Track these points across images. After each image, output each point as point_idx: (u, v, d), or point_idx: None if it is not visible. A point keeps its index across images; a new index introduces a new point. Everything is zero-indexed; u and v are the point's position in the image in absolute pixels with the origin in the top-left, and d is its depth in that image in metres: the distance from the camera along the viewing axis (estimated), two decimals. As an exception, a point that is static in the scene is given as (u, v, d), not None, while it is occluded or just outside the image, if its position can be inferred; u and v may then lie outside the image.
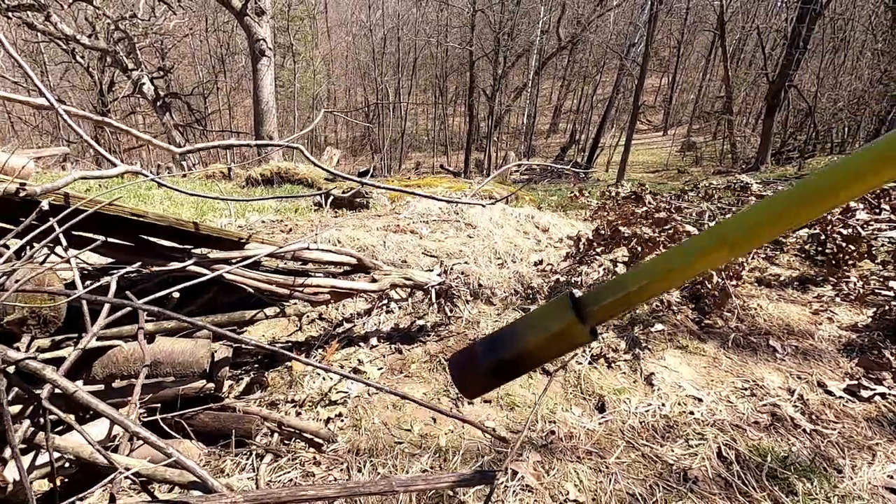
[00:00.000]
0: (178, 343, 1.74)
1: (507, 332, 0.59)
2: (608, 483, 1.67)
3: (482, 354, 0.61)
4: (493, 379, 0.61)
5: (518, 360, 0.58)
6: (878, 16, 20.06)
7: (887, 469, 1.74)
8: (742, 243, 0.46)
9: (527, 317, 0.59)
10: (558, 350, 0.56)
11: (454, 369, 0.67)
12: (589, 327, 0.52)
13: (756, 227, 0.45)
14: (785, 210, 0.43)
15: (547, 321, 0.55)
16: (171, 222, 1.57)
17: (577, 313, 0.52)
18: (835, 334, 2.62)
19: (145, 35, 16.26)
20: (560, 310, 0.53)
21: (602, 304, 0.51)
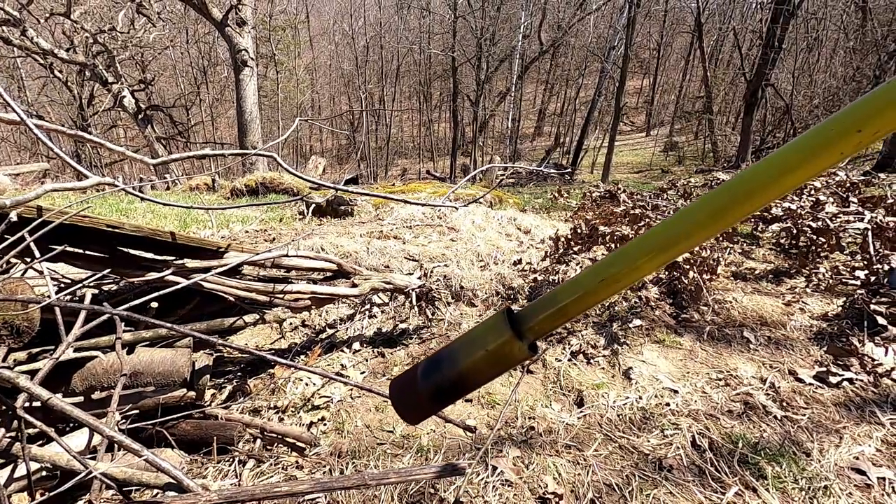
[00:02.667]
0: (157, 353, 1.75)
1: (444, 353, 0.56)
2: (586, 475, 1.71)
3: (422, 378, 0.57)
4: (434, 404, 0.57)
5: (457, 383, 0.55)
6: (849, 15, 20.63)
7: (853, 451, 1.81)
8: (674, 248, 0.45)
9: (464, 336, 0.55)
10: (497, 369, 0.53)
11: (394, 395, 0.62)
12: (527, 343, 0.50)
13: (689, 230, 0.44)
14: (721, 208, 0.42)
15: (484, 339, 0.52)
16: (147, 233, 1.59)
17: (514, 329, 0.50)
18: (806, 324, 2.70)
19: (125, 48, 16.15)
20: (497, 327, 0.51)
21: (538, 318, 0.50)
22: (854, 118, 0.36)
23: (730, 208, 0.41)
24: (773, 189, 0.40)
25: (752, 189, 0.40)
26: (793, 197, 4.18)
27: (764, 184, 0.40)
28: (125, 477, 0.96)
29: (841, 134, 0.36)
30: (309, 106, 31.65)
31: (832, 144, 0.37)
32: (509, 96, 24.01)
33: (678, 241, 0.44)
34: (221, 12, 13.09)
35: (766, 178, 0.40)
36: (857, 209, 3.61)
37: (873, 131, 0.35)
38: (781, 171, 0.39)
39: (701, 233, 0.43)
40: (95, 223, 1.45)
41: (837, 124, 0.37)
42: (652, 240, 0.45)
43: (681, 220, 0.44)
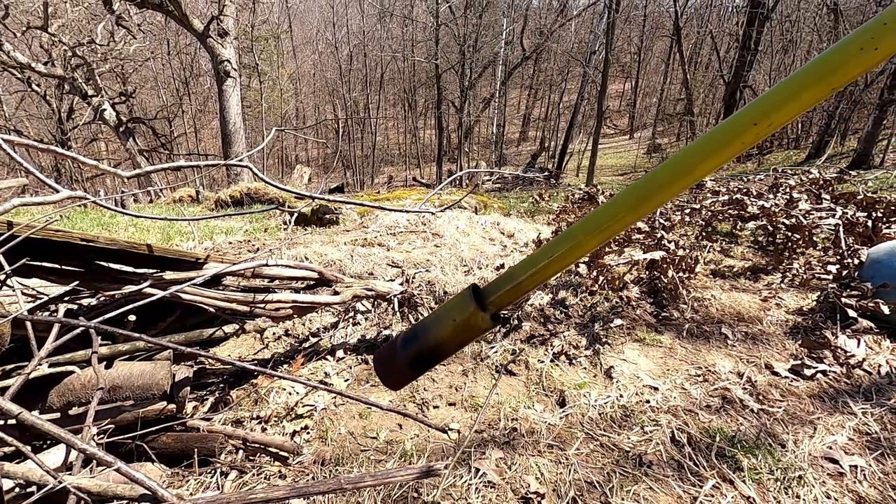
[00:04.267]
0: (136, 366, 1.74)
1: (419, 326, 0.64)
2: (568, 473, 1.74)
3: (401, 349, 0.65)
4: (412, 370, 0.65)
5: (431, 351, 0.62)
6: (821, 17, 21.18)
7: (826, 441, 1.85)
8: (609, 229, 0.51)
9: (436, 311, 0.63)
10: (465, 336, 0.61)
11: (378, 365, 0.70)
12: (489, 314, 0.57)
13: (619, 213, 0.50)
14: (646, 194, 0.48)
15: (453, 312, 0.60)
16: (122, 246, 1.59)
17: (479, 303, 0.57)
18: (782, 319, 2.76)
19: (105, 60, 16.00)
20: (463, 301, 0.59)
21: (498, 293, 0.57)
22: (751, 114, 0.42)
23: (653, 195, 0.48)
24: (688, 177, 0.46)
25: (672, 178, 0.46)
26: (768, 195, 4.27)
27: (682, 173, 0.46)
28: (100, 490, 0.96)
29: (741, 127, 0.42)
30: (293, 115, 31.57)
31: (735, 137, 0.43)
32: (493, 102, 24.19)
33: (611, 224, 0.50)
34: (203, 23, 13.04)
35: (682, 168, 0.45)
36: (830, 206, 3.71)
37: (767, 124, 0.41)
38: (695, 162, 0.45)
39: (629, 216, 0.50)
40: (69, 237, 1.44)
41: (737, 119, 0.43)
42: (592, 222, 0.51)
43: (613, 206, 0.50)
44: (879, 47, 0.37)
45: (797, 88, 0.39)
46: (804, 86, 0.39)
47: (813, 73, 0.39)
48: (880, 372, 2.25)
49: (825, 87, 0.39)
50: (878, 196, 3.79)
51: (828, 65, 0.38)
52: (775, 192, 4.50)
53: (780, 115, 0.41)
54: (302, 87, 32.98)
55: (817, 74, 0.39)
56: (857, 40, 0.37)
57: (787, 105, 0.40)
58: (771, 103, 0.41)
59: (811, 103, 0.40)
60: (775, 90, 0.41)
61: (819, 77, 0.39)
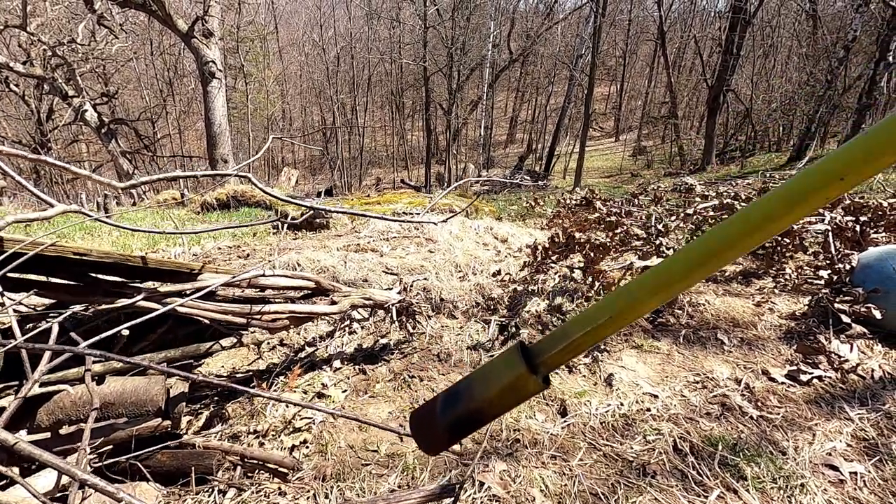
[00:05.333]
0: (129, 382, 1.69)
1: (462, 386, 0.59)
2: (572, 485, 1.72)
3: (441, 411, 0.60)
4: (453, 436, 0.60)
5: (474, 415, 0.57)
6: (800, 23, 21.66)
7: (826, 447, 1.87)
8: (672, 287, 0.47)
9: (480, 370, 0.58)
10: (512, 401, 0.56)
11: (415, 427, 0.65)
12: (541, 377, 0.52)
13: (685, 271, 0.46)
14: (713, 251, 0.44)
15: (499, 374, 0.54)
16: (116, 258, 1.54)
17: (528, 364, 0.52)
18: (776, 323, 2.79)
19: (86, 60, 15.67)
20: (511, 361, 0.53)
21: (551, 353, 0.52)
22: (837, 166, 0.38)
23: (722, 252, 0.44)
24: (760, 234, 0.42)
25: (743, 234, 0.43)
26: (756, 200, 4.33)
27: (753, 229, 0.42)
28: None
29: (826, 181, 0.38)
30: (280, 117, 31.29)
31: (817, 192, 0.39)
32: (481, 104, 24.26)
33: (676, 282, 0.46)
34: (187, 24, 12.84)
35: (755, 223, 0.42)
36: (819, 210, 3.77)
37: (855, 179, 0.38)
38: (768, 218, 0.41)
39: (695, 274, 0.46)
40: (61, 251, 1.39)
41: (822, 170, 0.39)
42: (653, 278, 0.47)
43: (678, 262, 0.46)
44: None
45: (885, 145, 0.36)
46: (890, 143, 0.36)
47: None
48: (874, 377, 2.28)
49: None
50: (864, 200, 3.86)
51: None
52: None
53: (870, 168, 0.37)
54: (288, 88, 32.70)
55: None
56: None
57: (878, 159, 0.36)
58: (861, 156, 0.37)
59: None
60: (864, 141, 0.37)
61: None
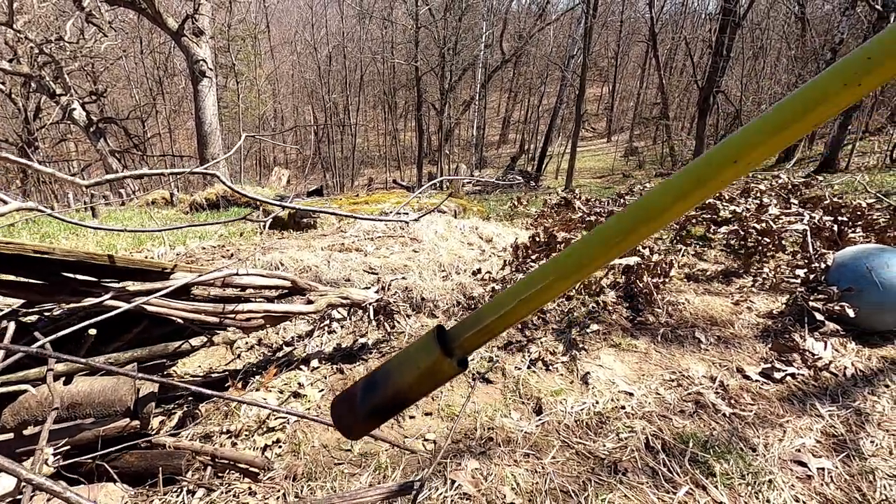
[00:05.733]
0: (97, 381, 1.67)
1: (381, 372, 0.59)
2: (543, 483, 1.73)
3: (360, 396, 0.60)
4: (372, 420, 0.61)
5: (393, 400, 0.58)
6: (789, 25, 21.88)
7: (795, 443, 1.89)
8: (582, 270, 0.47)
9: (398, 355, 0.58)
10: (430, 385, 0.56)
11: (335, 413, 0.65)
12: (456, 359, 0.53)
13: (595, 252, 0.46)
14: (623, 230, 0.44)
15: (416, 358, 0.55)
16: (80, 257, 1.52)
17: (444, 347, 0.53)
18: (753, 322, 2.82)
19: (74, 58, 15.50)
20: (428, 346, 0.54)
21: (465, 336, 0.53)
22: (731, 151, 0.40)
23: (632, 231, 0.44)
24: (668, 213, 0.43)
25: (652, 214, 0.44)
26: (739, 200, 4.37)
27: (662, 208, 0.43)
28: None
29: (721, 164, 0.40)
30: (272, 116, 31.15)
31: (714, 175, 0.41)
32: (473, 105, 24.29)
33: (586, 264, 0.47)
34: (177, 22, 12.75)
35: (663, 203, 0.43)
36: (798, 210, 3.81)
37: (747, 162, 0.39)
38: (676, 197, 0.42)
39: (605, 255, 0.46)
40: (20, 249, 1.37)
41: (716, 155, 0.41)
42: (563, 262, 0.48)
43: (588, 244, 0.47)
44: (863, 83, 0.35)
45: (778, 124, 0.38)
46: (785, 122, 0.38)
47: (792, 109, 0.38)
48: (846, 374, 2.31)
49: (807, 123, 0.38)
50: (843, 201, 3.91)
51: (808, 100, 0.37)
52: (746, 196, 4.61)
53: (759, 152, 0.39)
54: (280, 87, 32.56)
55: (798, 110, 0.38)
56: (840, 75, 0.36)
57: (769, 141, 0.38)
58: (751, 140, 0.39)
59: (792, 139, 0.38)
60: (755, 126, 0.39)
61: (799, 113, 0.38)
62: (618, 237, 0.45)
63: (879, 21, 11.43)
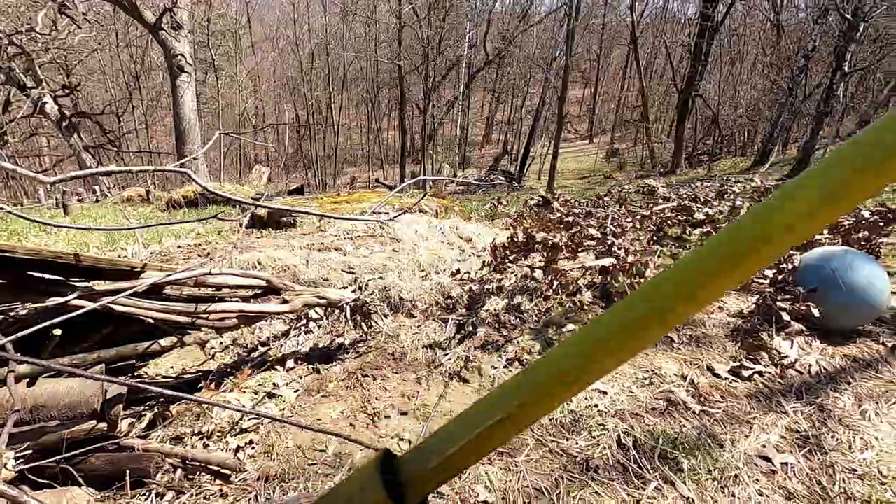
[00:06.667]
0: (63, 383, 1.63)
1: None
2: (517, 481, 1.75)
3: None
4: None
5: None
6: (765, 32, 22.44)
7: (761, 439, 1.94)
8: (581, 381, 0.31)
9: (327, 497, 0.38)
10: None
11: None
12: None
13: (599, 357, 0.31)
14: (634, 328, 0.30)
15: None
16: (45, 256, 1.48)
17: (390, 489, 0.34)
18: (724, 321, 2.89)
19: (46, 51, 15.04)
20: (368, 488, 0.34)
21: (419, 470, 0.34)
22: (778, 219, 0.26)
23: (646, 329, 0.30)
24: (695, 303, 0.29)
25: (669, 305, 0.29)
26: (714, 202, 4.47)
27: (689, 294, 0.29)
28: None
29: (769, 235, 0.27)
30: (252, 113, 30.70)
31: (747, 255, 0.27)
32: (457, 104, 24.31)
33: (584, 375, 0.31)
34: (155, 15, 12.48)
35: (689, 288, 0.29)
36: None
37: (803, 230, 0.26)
38: (692, 292, 0.29)
39: (590, 376, 0.31)
40: (-19, 248, 1.34)
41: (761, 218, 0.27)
42: (553, 363, 0.32)
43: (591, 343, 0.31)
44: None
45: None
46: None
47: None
48: (811, 371, 2.38)
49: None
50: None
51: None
52: (721, 198, 4.72)
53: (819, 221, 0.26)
54: (261, 84, 32.12)
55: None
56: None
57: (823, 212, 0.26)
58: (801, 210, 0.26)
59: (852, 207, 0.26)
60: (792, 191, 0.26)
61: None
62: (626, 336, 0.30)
63: (850, 30, 11.81)
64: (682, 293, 0.29)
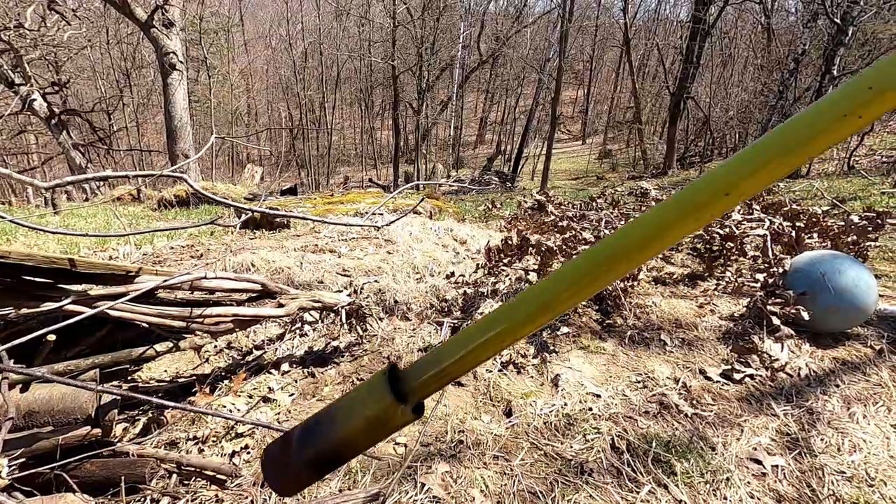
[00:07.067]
0: (56, 389, 1.62)
1: (323, 417, 0.52)
2: (512, 485, 1.76)
3: (298, 445, 0.52)
4: (312, 473, 0.53)
5: (335, 452, 0.51)
6: (756, 35, 22.67)
7: (752, 442, 1.97)
8: (553, 310, 0.43)
9: (344, 399, 0.52)
10: (378, 435, 0.50)
11: (267, 463, 0.57)
12: (411, 406, 0.47)
13: (565, 293, 0.42)
14: (595, 269, 0.40)
15: (364, 404, 0.48)
16: (40, 261, 1.47)
17: (396, 391, 0.47)
18: (716, 324, 2.92)
19: (35, 47, 14.84)
20: (378, 390, 0.47)
21: (422, 379, 0.47)
22: (721, 182, 0.37)
23: (606, 269, 0.40)
24: (650, 249, 0.39)
25: (625, 253, 0.40)
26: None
27: (643, 243, 0.39)
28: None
29: (711, 196, 0.37)
30: (245, 112, 30.51)
31: (703, 208, 0.37)
32: (451, 105, 24.34)
33: (555, 306, 0.42)
34: (146, 12, 12.36)
35: (638, 238, 0.39)
36: (760, 216, 3.96)
37: (738, 194, 0.36)
38: (650, 236, 0.39)
39: (574, 298, 0.42)
40: (-26, 253, 1.32)
41: (704, 187, 0.37)
42: (534, 295, 0.43)
43: (561, 276, 0.43)
44: (864, 115, 0.32)
45: (770, 156, 0.35)
46: (777, 153, 0.35)
47: (787, 140, 0.35)
48: (800, 374, 2.42)
49: (801, 154, 0.34)
50: (801, 207, 4.09)
51: (805, 132, 0.34)
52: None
53: (752, 183, 0.36)
54: (254, 83, 31.92)
55: (793, 141, 0.34)
56: (840, 107, 0.33)
57: (760, 173, 0.35)
58: (741, 171, 0.36)
59: (787, 171, 0.35)
60: (746, 156, 0.36)
61: (792, 146, 0.34)
62: (590, 276, 0.41)
63: (839, 34, 11.97)
64: (650, 235, 0.38)
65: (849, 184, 9.90)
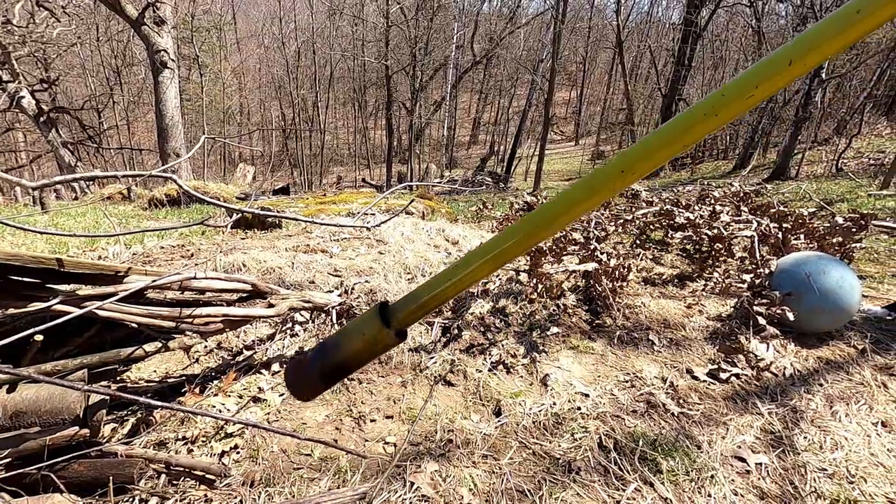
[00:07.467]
0: (44, 389, 1.62)
1: (330, 341, 0.67)
2: (500, 483, 1.78)
3: (312, 362, 0.68)
4: (323, 383, 0.69)
5: (341, 364, 0.66)
6: (747, 38, 22.90)
7: (737, 440, 2.01)
8: (500, 258, 0.55)
9: (346, 326, 0.66)
10: (372, 352, 0.64)
11: (289, 376, 0.74)
12: (394, 331, 0.61)
13: (509, 246, 0.54)
14: (530, 231, 0.53)
15: (361, 328, 0.63)
16: (26, 260, 1.47)
17: (384, 320, 0.60)
18: (703, 325, 2.96)
19: (23, 43, 14.66)
20: (371, 318, 0.61)
21: (404, 311, 0.60)
22: (620, 164, 0.48)
23: (535, 233, 0.53)
24: (566, 217, 0.51)
25: (552, 217, 0.52)
26: (695, 207, 4.57)
27: (559, 213, 0.51)
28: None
29: (611, 175, 0.48)
30: (237, 111, 30.32)
31: (606, 183, 0.49)
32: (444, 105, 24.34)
33: (501, 254, 0.55)
34: (137, 10, 12.26)
35: (562, 208, 0.51)
36: (748, 217, 4.02)
37: (632, 173, 0.47)
38: (571, 204, 0.51)
39: (517, 248, 0.55)
40: (-40, 253, 1.32)
41: (609, 167, 0.48)
42: (485, 249, 0.56)
43: (505, 237, 0.55)
44: (720, 114, 0.43)
45: (656, 146, 0.46)
46: (661, 144, 0.46)
47: (669, 133, 0.46)
48: (785, 374, 2.46)
49: (678, 145, 0.45)
50: (788, 209, 4.15)
51: (679, 127, 0.45)
52: (701, 203, 4.82)
53: (644, 166, 0.47)
54: (246, 81, 31.73)
55: (672, 135, 0.46)
56: (706, 105, 0.44)
57: (649, 159, 0.46)
58: (636, 156, 0.47)
59: (665, 159, 0.46)
60: (640, 146, 0.47)
61: (673, 137, 0.45)
62: (527, 235, 0.54)
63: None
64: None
65: (837, 186, 10.05)
